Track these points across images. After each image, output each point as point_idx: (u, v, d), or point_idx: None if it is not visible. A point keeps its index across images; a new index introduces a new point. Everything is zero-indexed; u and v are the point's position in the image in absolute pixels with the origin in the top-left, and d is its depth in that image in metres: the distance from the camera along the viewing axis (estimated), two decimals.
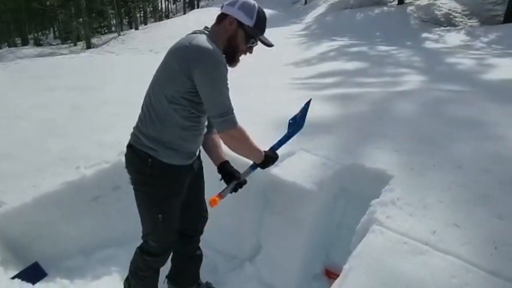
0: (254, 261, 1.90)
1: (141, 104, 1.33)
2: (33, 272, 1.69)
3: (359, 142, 2.10)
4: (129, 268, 1.51)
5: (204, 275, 1.77)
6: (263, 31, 1.27)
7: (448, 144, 2.06)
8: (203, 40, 1.15)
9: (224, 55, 1.23)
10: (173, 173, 1.30)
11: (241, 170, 1.44)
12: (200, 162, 1.53)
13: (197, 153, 1.44)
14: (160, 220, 1.32)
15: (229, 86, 1.20)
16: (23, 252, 1.72)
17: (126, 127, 1.41)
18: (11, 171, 1.99)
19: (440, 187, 1.60)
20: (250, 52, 1.30)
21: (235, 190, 1.39)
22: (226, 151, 1.43)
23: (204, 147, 1.50)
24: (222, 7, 1.26)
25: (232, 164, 1.46)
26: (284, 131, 1.50)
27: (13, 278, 1.56)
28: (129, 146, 1.32)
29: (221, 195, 1.31)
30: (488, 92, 3.23)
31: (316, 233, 1.78)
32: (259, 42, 1.28)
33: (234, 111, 1.21)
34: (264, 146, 1.44)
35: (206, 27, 1.28)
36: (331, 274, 1.85)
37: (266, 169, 1.47)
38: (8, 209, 1.68)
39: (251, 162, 1.43)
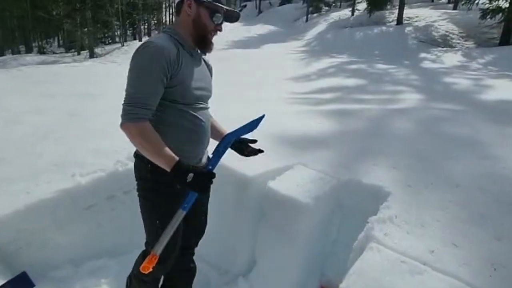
0: (248, 277, 1.85)
1: None
2: (20, 283, 1.63)
3: (356, 157, 2.10)
4: (132, 268, 1.49)
5: None
6: (221, 2, 1.22)
7: (445, 162, 2.06)
8: (150, 39, 1.14)
9: (196, 44, 1.22)
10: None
11: None
12: None
13: (202, 159, 1.38)
14: (158, 226, 1.29)
15: (160, 82, 1.08)
16: (10, 260, 1.67)
17: (122, 135, 1.40)
18: (4, 175, 1.96)
19: (437, 206, 1.59)
20: (220, 30, 1.24)
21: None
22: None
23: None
24: None
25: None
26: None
27: None
28: (135, 153, 1.34)
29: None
30: (484, 112, 3.27)
31: (311, 249, 1.75)
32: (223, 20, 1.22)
33: (147, 107, 1.10)
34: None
35: (169, 26, 1.27)
36: None
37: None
38: None
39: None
